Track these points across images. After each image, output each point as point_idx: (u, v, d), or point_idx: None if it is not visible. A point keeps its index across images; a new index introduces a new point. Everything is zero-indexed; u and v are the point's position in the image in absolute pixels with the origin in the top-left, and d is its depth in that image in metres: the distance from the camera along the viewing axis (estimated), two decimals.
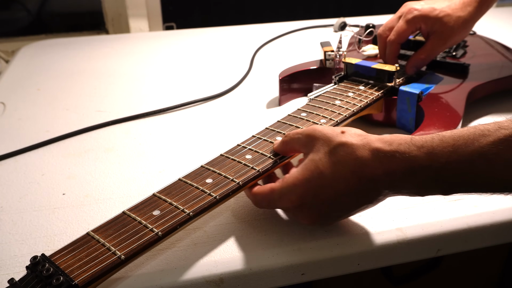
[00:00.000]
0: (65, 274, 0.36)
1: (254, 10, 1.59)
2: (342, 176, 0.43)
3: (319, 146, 0.46)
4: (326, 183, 0.44)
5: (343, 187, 0.43)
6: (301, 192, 0.45)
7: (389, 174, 0.42)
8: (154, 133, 0.72)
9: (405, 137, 0.43)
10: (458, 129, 0.41)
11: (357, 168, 0.43)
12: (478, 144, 0.39)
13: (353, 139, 0.44)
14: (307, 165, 0.45)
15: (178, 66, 1.01)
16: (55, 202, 0.56)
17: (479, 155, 0.39)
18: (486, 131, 0.39)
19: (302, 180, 0.45)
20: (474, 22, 0.72)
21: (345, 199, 0.44)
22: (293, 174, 0.46)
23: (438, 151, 0.40)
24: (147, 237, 0.41)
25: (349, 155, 0.43)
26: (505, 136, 0.38)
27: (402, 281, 0.80)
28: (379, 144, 0.43)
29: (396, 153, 0.42)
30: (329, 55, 0.79)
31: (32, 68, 1.01)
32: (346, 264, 0.49)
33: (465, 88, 0.70)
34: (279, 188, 0.46)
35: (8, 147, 0.68)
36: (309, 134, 0.47)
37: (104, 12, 1.50)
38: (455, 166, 0.40)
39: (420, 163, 0.41)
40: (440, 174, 0.40)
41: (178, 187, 0.47)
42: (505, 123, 0.39)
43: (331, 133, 0.46)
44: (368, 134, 0.46)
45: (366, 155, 0.43)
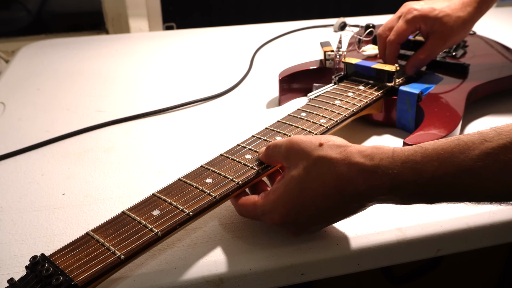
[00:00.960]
0: (65, 274, 0.36)
1: (254, 10, 1.59)
2: (323, 193, 0.42)
3: (297, 161, 0.44)
4: (307, 200, 0.43)
5: (326, 203, 0.43)
6: (283, 211, 0.44)
7: (372, 189, 0.41)
8: (154, 133, 0.72)
9: (387, 150, 0.42)
10: (441, 141, 0.40)
11: (338, 184, 0.42)
12: (463, 157, 0.38)
13: (332, 153, 0.43)
14: (287, 182, 0.44)
15: (178, 66, 1.01)
16: (55, 202, 0.56)
17: (465, 169, 0.38)
18: (470, 143, 0.38)
19: (284, 199, 0.44)
20: (474, 22, 0.72)
21: (328, 214, 0.44)
22: (274, 191, 0.45)
23: (422, 165, 0.39)
24: (146, 237, 0.41)
25: (329, 170, 0.42)
26: (490, 148, 0.37)
27: (402, 281, 0.80)
28: (360, 159, 0.42)
29: (378, 169, 0.40)
30: (329, 55, 0.79)
31: (32, 68, 1.01)
32: (346, 264, 0.49)
33: (465, 88, 0.70)
34: (261, 205, 0.45)
35: (8, 147, 0.68)
36: (287, 148, 0.46)
37: (104, 12, 1.50)
38: (441, 181, 0.39)
39: (404, 179, 0.40)
40: (426, 188, 0.39)
41: (178, 187, 0.47)
42: (490, 134, 0.38)
43: (309, 146, 0.44)
44: (348, 144, 0.45)
45: (347, 171, 0.41)
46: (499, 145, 0.37)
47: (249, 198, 0.47)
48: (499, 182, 0.37)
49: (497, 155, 0.37)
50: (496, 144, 0.37)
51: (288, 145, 0.46)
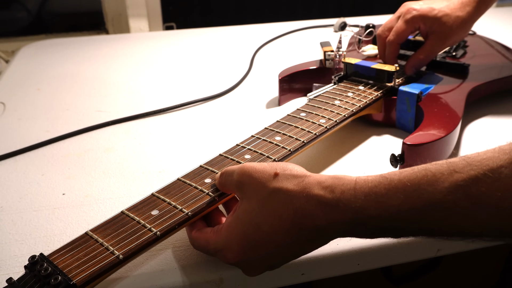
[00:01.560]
0: (63, 274, 0.36)
1: (254, 10, 1.59)
2: (280, 229, 0.39)
3: (251, 193, 0.41)
4: (264, 237, 0.39)
5: (284, 239, 0.39)
6: (237, 249, 0.40)
7: (334, 224, 0.38)
8: (154, 133, 0.72)
9: (348, 181, 0.38)
10: (407, 171, 0.37)
11: (297, 219, 0.38)
12: (431, 190, 0.34)
13: (289, 184, 0.39)
14: (240, 217, 0.41)
15: (178, 66, 1.01)
16: (55, 202, 0.56)
17: (434, 204, 0.34)
18: (439, 174, 0.35)
19: (237, 236, 0.40)
20: (473, 22, 0.72)
21: (287, 250, 0.40)
22: (227, 227, 0.41)
23: (387, 198, 0.36)
24: (145, 236, 0.41)
25: (286, 205, 0.39)
26: (460, 181, 0.34)
27: (402, 281, 0.80)
28: (320, 191, 0.38)
29: (339, 202, 0.37)
30: (329, 55, 0.79)
31: (32, 68, 1.01)
32: (346, 264, 0.49)
33: (465, 88, 0.70)
34: (214, 242, 0.42)
35: (8, 147, 0.68)
36: (239, 177, 0.42)
37: (104, 12, 1.50)
38: (408, 216, 0.35)
39: (368, 213, 0.36)
40: (391, 223, 0.36)
41: (177, 187, 0.47)
42: (459, 164, 0.35)
43: (263, 176, 0.41)
44: (305, 174, 0.41)
45: (306, 205, 0.38)
46: (470, 176, 0.34)
47: (202, 232, 0.43)
48: (471, 218, 0.34)
49: (468, 188, 0.33)
50: (467, 176, 0.34)
51: (240, 174, 0.42)
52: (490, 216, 0.33)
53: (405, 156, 0.56)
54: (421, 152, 0.56)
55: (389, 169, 0.57)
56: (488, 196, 0.33)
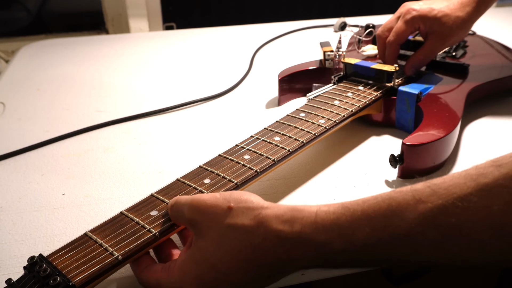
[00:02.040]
0: (62, 275, 0.37)
1: (254, 10, 1.59)
2: (238, 268, 0.36)
3: (204, 230, 0.38)
4: (220, 277, 0.36)
5: (242, 277, 0.37)
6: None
7: (296, 260, 0.36)
8: (154, 133, 0.72)
9: (308, 213, 0.36)
10: (370, 201, 0.35)
11: (255, 257, 0.36)
12: (398, 222, 0.33)
13: (244, 219, 0.37)
14: (194, 256, 0.38)
15: (178, 66, 1.01)
16: (55, 202, 0.56)
17: (400, 236, 0.33)
18: (404, 203, 0.33)
19: (192, 277, 0.37)
20: (473, 22, 0.72)
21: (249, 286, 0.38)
22: (180, 266, 0.38)
23: (352, 231, 0.34)
24: (144, 237, 0.41)
25: (244, 242, 0.36)
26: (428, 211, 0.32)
27: (402, 281, 0.80)
28: (278, 225, 0.36)
29: (300, 238, 0.35)
30: (329, 55, 0.79)
31: (32, 68, 1.01)
32: None
33: (465, 89, 0.70)
34: (166, 282, 0.38)
35: (8, 147, 0.68)
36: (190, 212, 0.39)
37: (104, 12, 1.50)
38: (374, 249, 0.34)
39: (331, 248, 0.34)
40: (357, 257, 0.35)
41: (176, 187, 0.47)
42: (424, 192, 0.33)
43: (216, 211, 0.38)
44: (262, 205, 0.38)
45: (264, 241, 0.36)
46: (437, 206, 0.32)
47: (151, 271, 0.40)
48: (441, 250, 0.32)
49: (436, 219, 0.32)
50: (434, 206, 0.32)
51: (191, 210, 0.39)
52: (461, 249, 0.32)
53: (404, 156, 0.56)
54: (420, 152, 0.56)
55: (389, 169, 0.58)
56: (459, 228, 0.31)
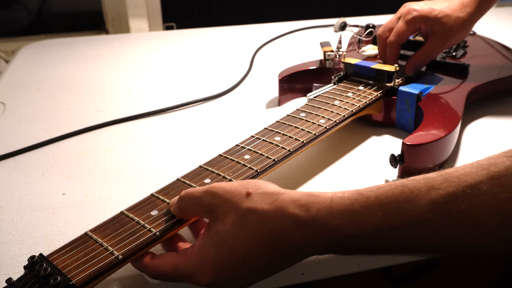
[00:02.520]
0: (63, 274, 0.36)
1: (254, 10, 1.59)
2: (256, 251, 0.38)
3: (224, 215, 0.39)
4: (239, 260, 0.38)
5: (260, 261, 0.38)
6: (211, 272, 0.38)
7: (311, 244, 0.37)
8: (154, 133, 0.72)
9: (324, 198, 0.37)
10: (384, 188, 0.36)
11: (272, 240, 0.37)
12: (410, 208, 0.34)
13: (262, 204, 0.38)
14: (213, 239, 0.39)
15: (178, 66, 1.01)
16: (55, 202, 0.56)
17: (413, 222, 0.34)
18: (416, 191, 0.34)
19: (210, 258, 0.38)
20: (473, 23, 0.72)
21: (262, 272, 0.39)
22: (198, 249, 0.39)
23: (365, 216, 0.35)
24: (145, 237, 0.41)
25: (261, 225, 0.37)
26: (439, 197, 0.33)
27: (402, 281, 0.80)
28: (295, 210, 0.37)
29: (315, 222, 0.36)
30: (329, 55, 0.79)
31: (32, 68, 1.01)
32: (346, 264, 0.49)
33: (465, 89, 0.70)
34: (183, 266, 0.39)
35: (8, 147, 0.68)
36: (209, 199, 0.40)
37: (104, 12, 1.50)
38: (387, 234, 0.35)
39: (345, 232, 0.36)
40: (370, 242, 0.36)
41: (176, 187, 0.47)
42: (437, 180, 0.34)
43: (235, 197, 0.39)
44: (279, 191, 0.39)
45: (281, 225, 0.37)
46: (448, 193, 0.33)
47: (163, 257, 0.41)
48: (451, 237, 0.33)
49: (447, 206, 0.33)
50: (445, 193, 0.33)
51: (210, 195, 0.40)
52: (470, 235, 0.33)
53: (404, 156, 0.56)
54: (421, 152, 0.56)
55: (389, 169, 0.58)
56: (468, 214, 0.32)
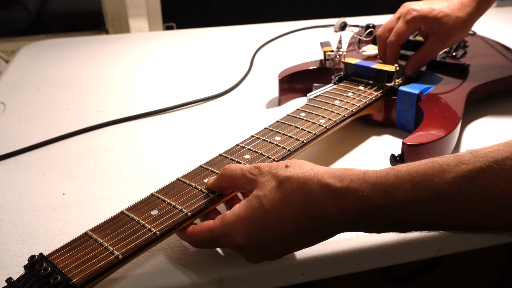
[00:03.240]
0: (63, 274, 0.36)
1: (254, 10, 1.59)
2: (289, 215, 0.39)
3: (263, 183, 0.41)
4: (271, 223, 0.40)
5: (291, 227, 0.40)
6: (244, 232, 0.40)
7: (341, 213, 0.38)
8: (154, 133, 0.72)
9: (357, 172, 0.39)
10: (415, 163, 0.38)
11: (305, 205, 0.39)
12: (437, 180, 0.35)
13: (300, 173, 0.40)
14: (250, 201, 0.41)
15: (178, 66, 1.01)
16: (55, 202, 0.56)
17: (438, 194, 0.35)
18: (445, 165, 0.36)
19: (245, 219, 0.40)
20: (473, 22, 0.72)
21: (293, 239, 0.41)
22: (234, 212, 0.41)
23: (394, 188, 0.37)
24: (145, 236, 0.41)
25: (296, 190, 0.39)
26: (466, 172, 0.35)
27: (402, 281, 0.80)
28: (329, 180, 0.39)
29: (348, 191, 0.38)
30: (329, 55, 0.79)
31: (32, 68, 1.01)
32: (346, 264, 0.49)
33: (465, 89, 0.70)
34: (219, 228, 0.41)
35: (8, 147, 0.68)
36: (252, 170, 0.43)
37: (104, 12, 1.50)
38: (413, 206, 0.36)
39: (375, 202, 0.37)
40: (398, 213, 0.37)
41: (177, 186, 0.47)
42: (465, 156, 0.36)
43: (275, 168, 0.42)
44: (315, 165, 0.42)
45: (315, 191, 0.39)
46: (475, 168, 0.34)
47: (202, 224, 0.43)
48: (476, 209, 0.35)
49: (473, 179, 0.34)
50: (472, 167, 0.34)
51: (253, 167, 0.43)
52: (494, 207, 0.34)
53: (405, 156, 0.56)
54: (421, 152, 0.56)
55: None
56: (493, 187, 0.33)
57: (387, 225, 0.39)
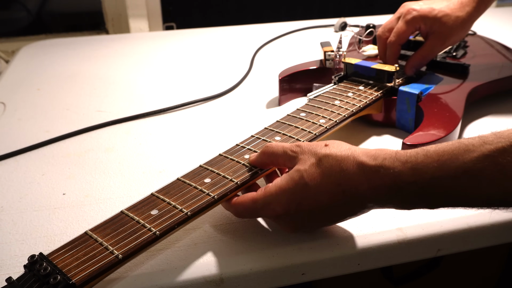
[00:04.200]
0: (63, 273, 0.36)
1: (254, 10, 1.59)
2: (326, 188, 0.43)
3: (304, 159, 0.45)
4: (310, 195, 0.43)
5: (327, 199, 0.43)
6: (285, 202, 0.44)
7: (374, 189, 0.42)
8: (154, 133, 0.72)
9: (390, 151, 0.43)
10: (443, 144, 0.41)
11: (342, 180, 0.42)
12: (462, 159, 0.38)
13: (337, 151, 0.44)
14: (292, 175, 0.44)
15: (178, 66, 1.01)
16: (55, 202, 0.56)
17: (463, 171, 0.38)
18: (470, 145, 0.39)
19: (286, 190, 0.44)
20: (473, 22, 0.72)
21: (328, 211, 0.44)
22: (276, 183, 0.45)
23: (423, 166, 0.40)
24: (145, 236, 0.41)
25: (334, 167, 0.43)
26: (489, 151, 0.38)
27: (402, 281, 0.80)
28: (364, 158, 0.43)
29: (380, 168, 0.41)
30: (329, 55, 0.79)
31: (32, 68, 1.01)
32: (346, 264, 0.49)
33: (465, 89, 0.70)
34: (262, 198, 0.45)
35: (8, 147, 0.68)
36: (294, 149, 0.47)
37: (104, 12, 1.50)
38: (440, 182, 0.39)
39: (405, 179, 0.40)
40: (425, 190, 0.40)
41: (177, 186, 0.47)
42: (489, 137, 0.39)
43: (316, 147, 0.46)
44: (352, 145, 0.46)
45: (351, 168, 0.42)
46: (498, 148, 0.37)
47: (246, 195, 0.47)
48: (498, 186, 0.37)
49: (496, 158, 0.37)
50: (495, 147, 0.37)
51: (294, 145, 0.47)
52: None
53: None
54: None
55: None
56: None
57: (415, 201, 0.41)
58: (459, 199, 0.40)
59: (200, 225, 0.51)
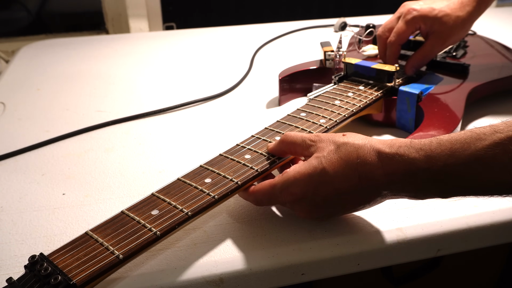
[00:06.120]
0: (63, 274, 0.36)
1: (254, 10, 1.59)
2: (343, 174, 0.44)
3: (323, 147, 0.47)
4: (327, 179, 0.45)
5: (344, 185, 0.44)
6: (303, 185, 0.45)
7: (389, 175, 0.43)
8: (154, 133, 0.72)
9: (405, 140, 0.44)
10: (455, 133, 0.42)
11: (358, 166, 0.44)
12: (474, 147, 0.40)
13: (355, 139, 0.46)
14: (310, 161, 0.46)
15: (178, 66, 1.01)
16: (55, 202, 0.56)
17: (475, 159, 0.40)
18: (482, 134, 0.40)
19: (304, 175, 0.45)
20: (473, 21, 0.72)
21: (344, 197, 0.45)
22: (295, 169, 0.47)
23: (436, 154, 0.41)
24: (145, 236, 0.41)
25: (352, 153, 0.45)
26: (500, 139, 0.39)
27: (402, 281, 0.80)
28: (380, 146, 0.44)
29: (396, 155, 0.43)
30: (329, 55, 0.79)
31: (32, 68, 1.01)
32: (346, 264, 0.49)
33: (465, 89, 0.70)
34: (281, 182, 0.47)
35: (8, 147, 0.68)
36: (312, 138, 0.49)
37: (104, 12, 1.50)
38: (452, 169, 0.40)
39: (419, 165, 0.42)
40: (438, 177, 0.41)
41: (177, 186, 0.47)
42: (500, 126, 0.40)
43: (334, 135, 0.48)
44: (368, 136, 0.47)
45: (368, 155, 0.44)
46: (509, 136, 0.39)
47: (263, 182, 0.48)
48: (508, 172, 0.39)
49: (507, 145, 0.39)
50: (506, 135, 0.39)
51: (313, 135, 0.49)
52: None
53: None
54: None
55: None
56: None
57: (428, 187, 0.42)
58: (471, 186, 0.41)
59: (200, 225, 0.51)
